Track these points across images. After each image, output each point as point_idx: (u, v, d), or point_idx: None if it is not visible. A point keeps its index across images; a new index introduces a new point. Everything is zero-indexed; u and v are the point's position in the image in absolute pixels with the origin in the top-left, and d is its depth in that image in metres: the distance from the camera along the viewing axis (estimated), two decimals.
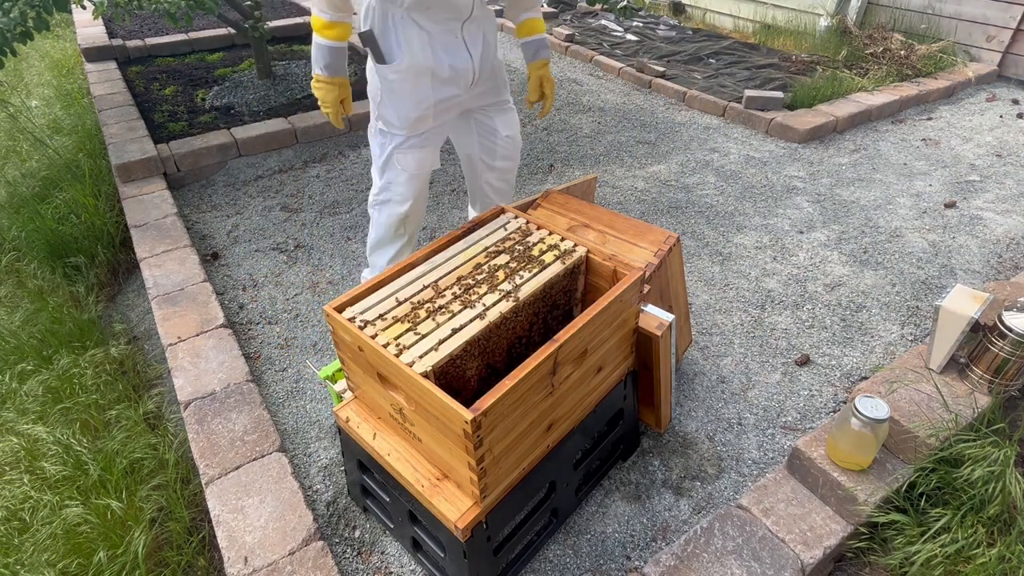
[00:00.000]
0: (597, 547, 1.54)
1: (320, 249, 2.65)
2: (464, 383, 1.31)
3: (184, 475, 1.78)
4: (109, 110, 3.55)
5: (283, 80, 4.06)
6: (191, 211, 2.94)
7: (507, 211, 1.60)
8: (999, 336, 1.57)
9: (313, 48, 1.75)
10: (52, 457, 1.78)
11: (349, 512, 1.64)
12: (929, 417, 1.58)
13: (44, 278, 2.66)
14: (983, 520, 1.42)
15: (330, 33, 1.72)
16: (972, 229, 2.77)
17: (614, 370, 1.50)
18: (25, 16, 2.58)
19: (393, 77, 1.73)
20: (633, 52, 4.84)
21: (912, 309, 2.29)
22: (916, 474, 1.51)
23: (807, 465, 1.56)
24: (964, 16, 4.46)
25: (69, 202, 2.88)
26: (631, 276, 1.36)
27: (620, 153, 3.45)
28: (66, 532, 1.59)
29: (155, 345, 2.29)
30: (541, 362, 1.16)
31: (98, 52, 4.33)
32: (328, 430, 1.86)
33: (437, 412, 1.12)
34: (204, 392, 1.89)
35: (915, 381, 1.69)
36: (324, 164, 3.32)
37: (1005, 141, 3.58)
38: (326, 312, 1.26)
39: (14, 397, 2.03)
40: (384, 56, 1.71)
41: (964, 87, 4.28)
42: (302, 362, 2.10)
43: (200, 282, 2.35)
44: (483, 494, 1.20)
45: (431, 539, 1.37)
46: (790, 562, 1.40)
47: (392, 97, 1.77)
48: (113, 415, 1.95)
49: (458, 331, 1.24)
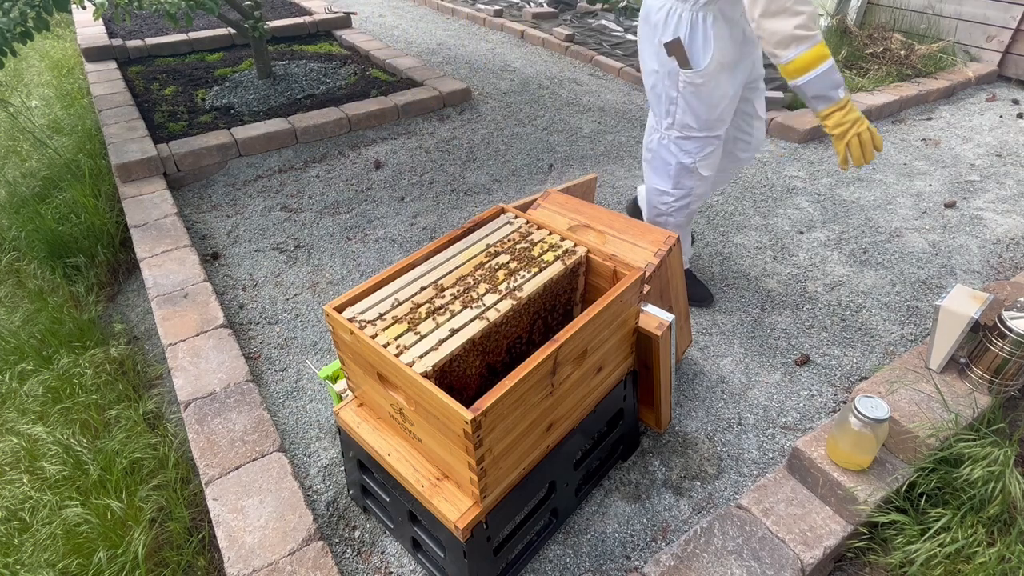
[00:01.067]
0: (597, 547, 1.54)
1: (320, 249, 2.65)
2: (464, 383, 1.31)
3: (184, 475, 1.78)
4: (109, 110, 3.55)
5: (283, 80, 4.06)
6: (191, 211, 2.94)
7: (507, 211, 1.60)
8: (999, 336, 1.57)
9: (823, 77, 1.49)
10: (52, 457, 1.78)
11: (349, 512, 1.64)
12: (929, 417, 1.58)
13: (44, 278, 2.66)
14: (983, 520, 1.42)
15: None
16: (972, 229, 2.77)
17: (614, 370, 1.50)
18: (25, 16, 2.58)
19: (700, 81, 1.74)
20: (633, 52, 4.84)
21: (912, 309, 2.29)
22: (916, 474, 1.51)
23: (807, 465, 1.56)
24: (964, 16, 4.46)
25: (69, 202, 2.88)
26: (631, 276, 1.36)
27: (620, 153, 3.45)
28: (66, 532, 1.59)
29: (155, 345, 2.29)
30: (541, 362, 1.16)
31: (98, 52, 4.33)
32: (328, 430, 1.86)
33: (437, 412, 1.12)
34: (204, 392, 1.89)
35: (915, 381, 1.69)
36: (324, 164, 3.32)
37: (1005, 141, 3.58)
38: (326, 312, 1.26)
39: (14, 397, 2.03)
40: (690, 61, 1.71)
41: (964, 87, 4.27)
42: (302, 362, 2.10)
43: (200, 282, 2.35)
44: (483, 494, 1.20)
45: (431, 539, 1.37)
46: (790, 562, 1.40)
47: (694, 101, 1.78)
48: (113, 415, 1.95)
49: (458, 331, 1.24)
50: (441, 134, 3.63)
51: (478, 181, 3.16)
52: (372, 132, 3.60)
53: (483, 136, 3.61)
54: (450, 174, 3.23)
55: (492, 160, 3.35)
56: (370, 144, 3.50)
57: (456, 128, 3.71)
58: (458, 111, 3.89)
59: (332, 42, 4.94)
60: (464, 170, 3.27)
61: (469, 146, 3.50)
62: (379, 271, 2.05)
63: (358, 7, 6.02)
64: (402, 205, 2.97)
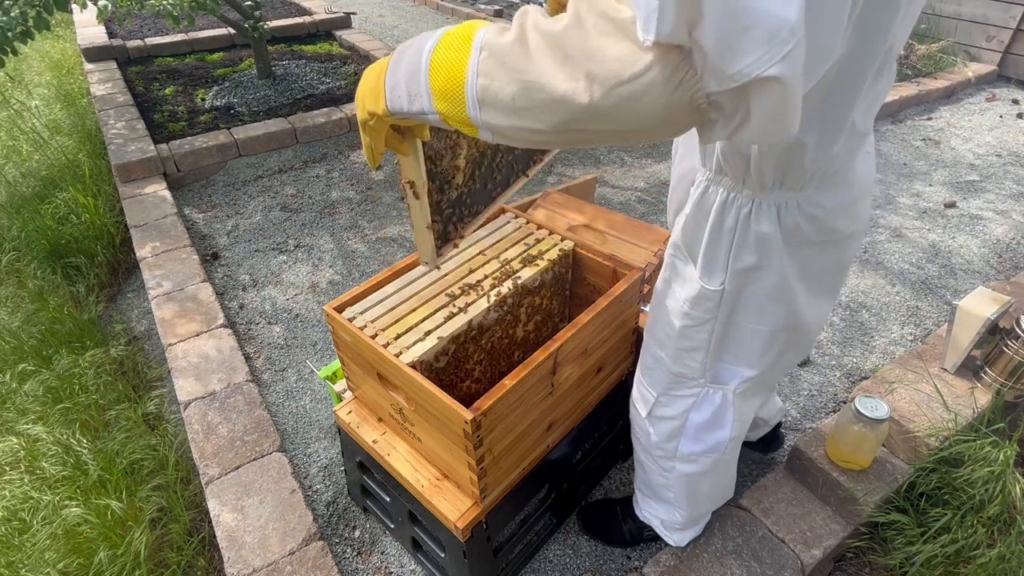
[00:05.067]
0: (597, 547, 1.54)
1: (320, 249, 2.65)
2: (464, 383, 1.31)
3: (184, 475, 1.78)
4: (109, 110, 3.55)
5: (283, 80, 4.06)
6: (191, 211, 2.94)
7: (507, 211, 1.60)
8: (1015, 339, 1.57)
9: None
10: (52, 457, 1.78)
11: (349, 512, 1.63)
12: (929, 417, 1.58)
13: (44, 278, 2.65)
14: (983, 520, 1.42)
15: None
16: (972, 229, 2.77)
17: (614, 370, 1.50)
18: (26, 15, 2.58)
19: None
20: None
21: (912, 309, 2.29)
22: (916, 474, 1.51)
23: (807, 465, 1.56)
24: (964, 16, 4.46)
25: (69, 202, 2.87)
26: (631, 276, 1.36)
27: (620, 153, 3.45)
28: (66, 532, 1.59)
29: (155, 345, 2.29)
30: (541, 362, 1.15)
31: (98, 52, 4.33)
32: (328, 430, 1.86)
33: (437, 412, 1.12)
34: (204, 392, 1.89)
35: (915, 381, 1.69)
36: (324, 164, 3.32)
37: (1005, 141, 3.58)
38: (326, 312, 1.26)
39: (14, 397, 2.03)
40: None
41: (964, 87, 4.27)
42: (302, 362, 2.10)
43: (200, 282, 2.35)
44: (483, 494, 1.20)
45: (431, 539, 1.36)
46: (790, 562, 1.40)
47: None
48: (113, 415, 1.95)
49: (458, 331, 1.24)
50: None
51: None
52: None
53: None
54: None
55: None
56: None
57: None
58: None
59: (332, 42, 4.94)
60: None
61: None
62: (379, 271, 2.05)
63: (358, 7, 6.02)
64: (402, 205, 2.96)
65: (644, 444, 1.31)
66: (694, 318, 1.06)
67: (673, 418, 1.21)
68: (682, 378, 1.15)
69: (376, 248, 2.66)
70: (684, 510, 1.35)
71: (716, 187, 0.96)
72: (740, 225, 0.95)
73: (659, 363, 1.17)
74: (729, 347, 1.10)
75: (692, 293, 1.04)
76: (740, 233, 0.96)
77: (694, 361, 1.12)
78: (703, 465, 1.26)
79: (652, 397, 1.22)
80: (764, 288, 1.00)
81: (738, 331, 1.07)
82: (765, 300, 1.01)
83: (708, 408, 1.17)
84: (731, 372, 1.13)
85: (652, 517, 1.43)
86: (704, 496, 1.35)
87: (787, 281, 0.99)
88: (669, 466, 1.28)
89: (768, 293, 1.00)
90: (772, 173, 0.89)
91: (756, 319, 1.04)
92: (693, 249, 1.03)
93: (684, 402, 1.18)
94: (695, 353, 1.11)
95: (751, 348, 1.09)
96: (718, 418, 1.18)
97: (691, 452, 1.24)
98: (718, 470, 1.29)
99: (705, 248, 1.00)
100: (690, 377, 1.14)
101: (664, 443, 1.25)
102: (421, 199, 0.94)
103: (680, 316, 1.08)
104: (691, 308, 1.05)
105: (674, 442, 1.24)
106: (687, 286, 1.05)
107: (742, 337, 1.07)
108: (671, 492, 1.33)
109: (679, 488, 1.31)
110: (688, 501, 1.33)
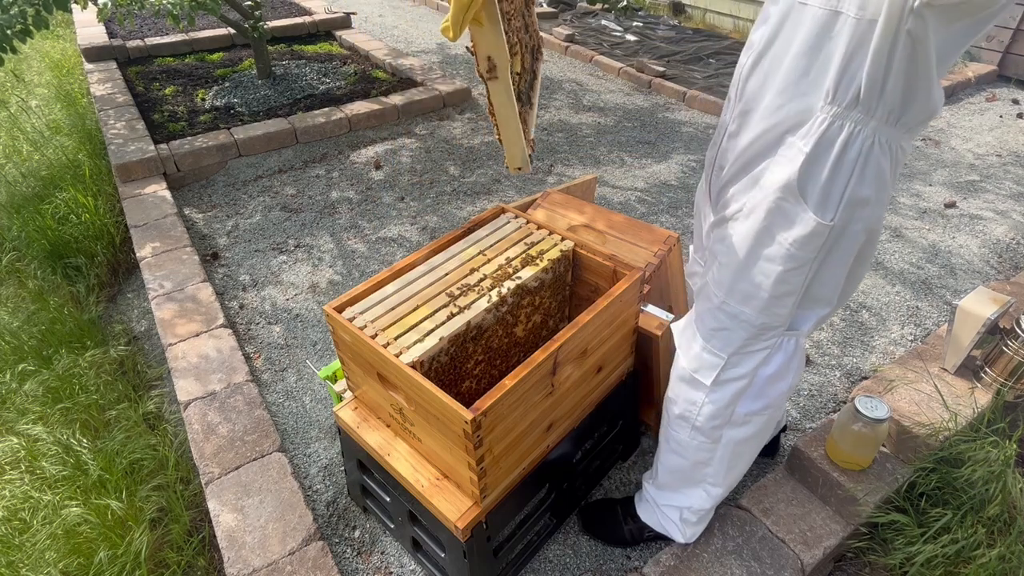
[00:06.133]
0: (597, 547, 1.54)
1: (320, 249, 2.65)
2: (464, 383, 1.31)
3: (184, 475, 1.78)
4: (109, 110, 3.55)
5: (283, 80, 4.06)
6: (191, 211, 2.94)
7: (507, 211, 1.60)
8: (1015, 339, 1.57)
9: None
10: (52, 457, 1.78)
11: (349, 512, 1.63)
12: (929, 417, 1.58)
13: (44, 278, 2.65)
14: (983, 520, 1.42)
15: None
16: (972, 229, 2.77)
17: (614, 370, 1.50)
18: (25, 14, 2.58)
19: None
20: (633, 52, 4.84)
21: (912, 309, 2.29)
22: (916, 474, 1.51)
23: (807, 465, 1.56)
24: None
25: (69, 202, 2.87)
26: (631, 276, 1.36)
27: (620, 153, 3.45)
28: (66, 532, 1.59)
29: (155, 345, 2.29)
30: (541, 362, 1.16)
31: (98, 52, 4.33)
32: (328, 430, 1.86)
33: (437, 412, 1.12)
34: (204, 392, 1.89)
35: (915, 381, 1.69)
36: (324, 164, 3.32)
37: (1005, 141, 3.58)
38: (326, 312, 1.26)
39: (14, 397, 2.03)
40: None
41: (964, 87, 4.27)
42: (302, 362, 2.10)
43: (200, 282, 2.35)
44: (483, 494, 1.20)
45: (431, 539, 1.37)
46: (790, 562, 1.40)
47: None
48: (113, 415, 1.95)
49: (458, 331, 1.24)
50: (441, 134, 3.63)
51: (478, 181, 3.16)
52: (372, 132, 3.60)
53: (483, 136, 3.60)
54: (450, 174, 3.23)
55: (492, 160, 3.35)
56: (370, 144, 3.50)
57: (456, 128, 3.71)
58: (458, 111, 3.89)
59: (332, 42, 4.94)
60: (464, 170, 3.26)
61: (469, 146, 3.50)
62: (379, 271, 2.05)
63: (358, 7, 6.02)
64: (402, 205, 2.97)
65: (692, 422, 1.31)
66: (799, 259, 1.08)
67: (742, 377, 1.23)
68: (765, 329, 1.17)
69: (376, 248, 2.66)
70: (721, 486, 1.37)
71: (842, 121, 1.00)
72: (862, 157, 1.00)
73: (736, 320, 1.18)
74: (813, 288, 1.14)
75: (803, 232, 1.06)
76: (860, 165, 1.00)
77: (783, 307, 1.14)
78: (755, 425, 1.29)
79: (722, 360, 1.22)
80: (867, 222, 1.05)
81: (826, 269, 1.11)
82: (862, 234, 1.07)
83: (780, 358, 1.21)
84: (807, 316, 1.18)
85: (670, 509, 1.44)
86: (745, 463, 1.39)
87: (882, 216, 1.07)
88: (717, 435, 1.30)
89: (867, 227, 1.06)
90: (900, 104, 0.95)
91: (847, 253, 1.09)
92: (810, 186, 1.05)
93: (758, 356, 1.20)
94: (787, 299, 1.13)
95: (834, 285, 1.14)
96: (787, 366, 1.23)
97: (748, 412, 1.26)
98: (765, 430, 1.33)
99: (824, 181, 1.02)
100: (773, 327, 1.16)
101: (722, 410, 1.26)
102: (503, 78, 0.83)
103: (783, 260, 1.09)
104: (798, 249, 1.07)
105: (732, 407, 1.26)
106: (797, 226, 1.06)
107: (829, 275, 1.12)
108: (710, 468, 1.35)
109: (723, 459, 1.33)
110: (727, 472, 1.35)
